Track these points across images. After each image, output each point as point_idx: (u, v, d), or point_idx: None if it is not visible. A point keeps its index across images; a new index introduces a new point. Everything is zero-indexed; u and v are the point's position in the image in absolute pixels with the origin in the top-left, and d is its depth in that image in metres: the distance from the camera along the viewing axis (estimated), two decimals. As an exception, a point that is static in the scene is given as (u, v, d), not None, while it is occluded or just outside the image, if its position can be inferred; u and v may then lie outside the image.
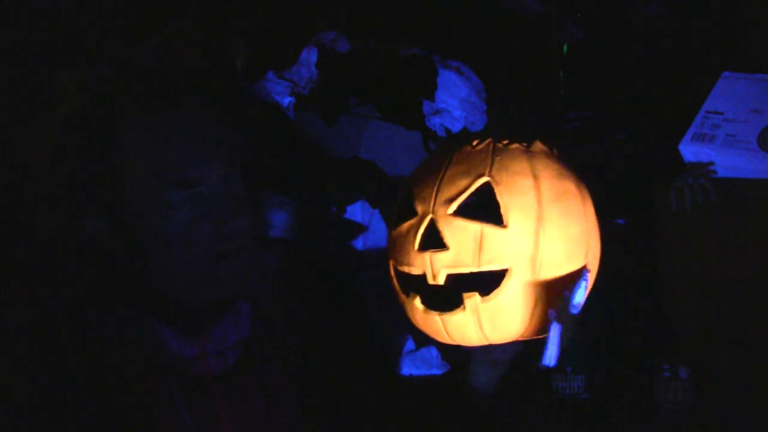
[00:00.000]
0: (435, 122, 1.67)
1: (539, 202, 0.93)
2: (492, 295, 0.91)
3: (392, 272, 0.96)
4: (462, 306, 0.91)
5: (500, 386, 1.02)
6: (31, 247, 1.22)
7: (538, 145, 0.99)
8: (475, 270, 0.90)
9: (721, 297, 1.41)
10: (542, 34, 1.89)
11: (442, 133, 1.68)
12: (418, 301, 0.93)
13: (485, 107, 1.74)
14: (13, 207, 1.42)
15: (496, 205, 0.91)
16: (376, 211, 1.72)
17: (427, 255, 0.90)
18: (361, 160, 1.67)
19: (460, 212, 0.91)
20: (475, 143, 0.96)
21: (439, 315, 0.92)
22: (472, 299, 0.91)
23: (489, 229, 0.90)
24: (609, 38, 1.84)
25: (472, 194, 0.92)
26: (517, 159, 0.95)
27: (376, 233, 1.75)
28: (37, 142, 1.35)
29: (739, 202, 1.40)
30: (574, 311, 0.94)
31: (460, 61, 1.74)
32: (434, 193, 0.91)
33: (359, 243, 1.76)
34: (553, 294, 0.94)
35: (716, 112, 1.51)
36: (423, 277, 0.92)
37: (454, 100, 1.68)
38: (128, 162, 0.91)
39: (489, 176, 0.92)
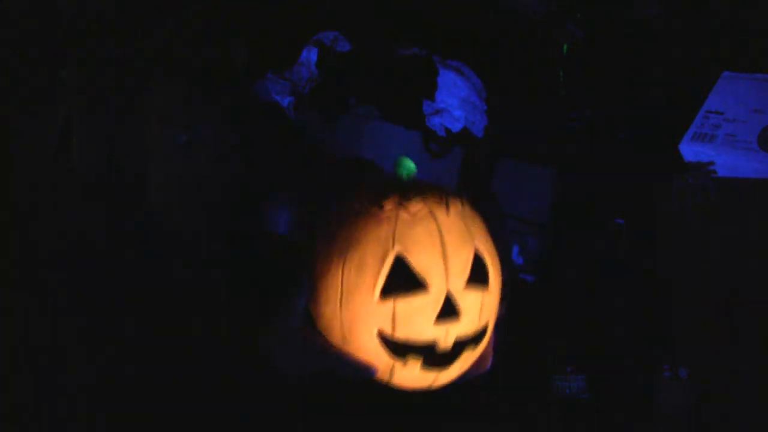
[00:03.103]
0: (435, 122, 1.67)
1: (497, 258, 1.02)
2: (480, 345, 1.00)
3: (376, 339, 0.96)
4: (459, 358, 0.98)
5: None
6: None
7: (465, 199, 1.05)
8: (475, 331, 0.98)
9: (720, 297, 1.41)
10: (542, 34, 1.89)
11: (442, 133, 1.68)
12: (419, 365, 0.97)
13: (485, 107, 1.74)
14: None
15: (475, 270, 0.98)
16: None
17: (444, 326, 0.95)
18: (361, 160, 1.67)
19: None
20: (418, 207, 0.98)
21: (438, 371, 0.98)
22: (469, 351, 0.99)
23: (485, 294, 0.98)
24: (609, 38, 1.84)
25: None
26: (475, 221, 1.02)
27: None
28: (38, 141, 1.36)
29: (739, 202, 1.40)
30: None
31: (460, 61, 1.74)
32: (444, 267, 0.95)
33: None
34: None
35: (716, 112, 1.51)
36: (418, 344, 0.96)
37: (454, 100, 1.68)
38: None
39: (476, 244, 0.98)
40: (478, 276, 0.98)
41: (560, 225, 1.79)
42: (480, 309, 0.97)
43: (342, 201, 1.02)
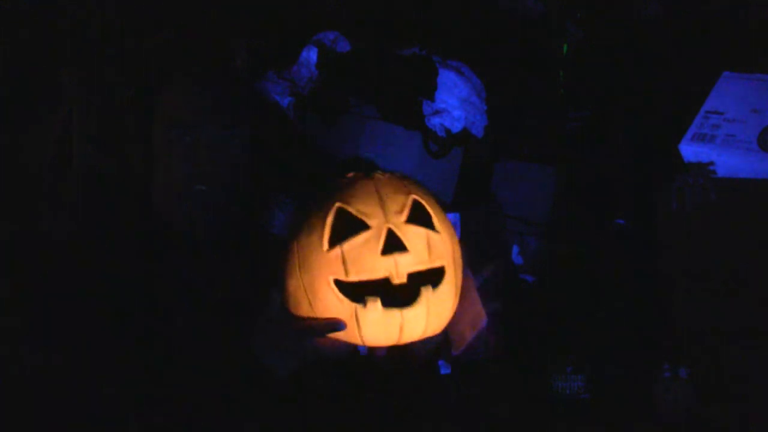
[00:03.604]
0: (435, 122, 1.67)
1: (443, 215, 1.12)
2: (440, 286, 1.06)
3: (333, 287, 1.04)
4: (420, 298, 1.04)
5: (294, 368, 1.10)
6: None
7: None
8: (429, 267, 1.06)
9: (721, 296, 1.41)
10: (542, 34, 1.89)
11: (442, 133, 1.68)
12: (378, 303, 1.03)
13: (485, 107, 1.74)
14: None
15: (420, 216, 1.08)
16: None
17: (392, 258, 1.03)
18: (361, 160, 1.67)
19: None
20: (353, 174, 1.13)
21: (401, 311, 1.03)
22: (427, 291, 1.05)
23: (431, 233, 1.07)
24: (609, 38, 1.84)
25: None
26: (416, 184, 1.14)
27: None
28: (38, 142, 1.36)
29: (739, 202, 1.40)
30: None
31: (460, 61, 1.74)
32: (382, 209, 1.05)
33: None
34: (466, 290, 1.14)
35: (716, 112, 1.51)
36: (375, 283, 1.04)
37: (454, 100, 1.68)
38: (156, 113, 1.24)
39: (415, 195, 1.09)
40: (421, 219, 1.07)
41: (560, 225, 1.79)
42: (427, 245, 1.05)
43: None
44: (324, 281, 1.04)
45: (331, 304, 1.04)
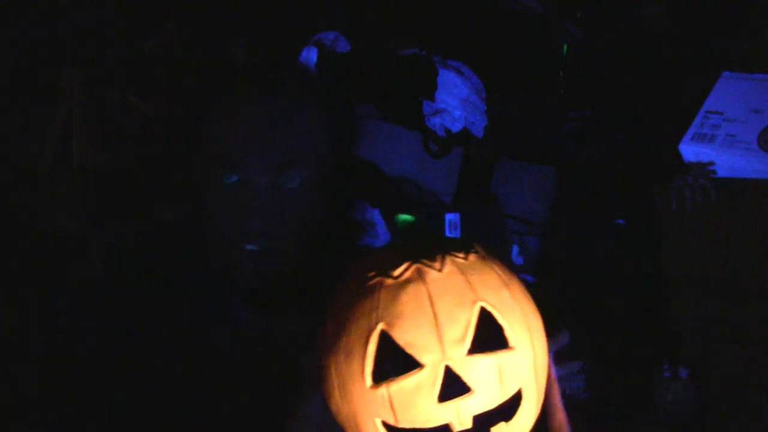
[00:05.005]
0: (435, 122, 1.67)
1: (521, 308, 0.88)
2: (515, 419, 0.86)
3: (380, 428, 0.84)
4: None
5: None
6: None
7: (478, 250, 0.92)
8: (501, 402, 0.84)
9: (721, 297, 1.41)
10: (542, 34, 1.89)
11: (442, 133, 1.68)
12: None
13: (485, 107, 1.74)
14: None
15: (487, 328, 0.84)
16: (376, 211, 1.73)
17: (452, 404, 0.81)
18: (361, 160, 1.67)
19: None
20: (402, 269, 0.85)
21: None
22: (499, 429, 0.85)
23: (503, 357, 0.84)
24: (609, 38, 1.84)
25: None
26: (483, 271, 0.88)
27: (376, 233, 1.75)
28: (38, 142, 1.35)
29: (739, 202, 1.40)
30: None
31: (460, 61, 1.74)
32: (437, 336, 0.81)
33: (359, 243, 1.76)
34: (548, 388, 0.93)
35: (716, 112, 1.51)
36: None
37: (454, 100, 1.68)
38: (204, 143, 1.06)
39: (481, 300, 0.84)
40: (489, 338, 0.84)
41: (560, 225, 1.79)
42: (499, 376, 0.83)
43: (342, 278, 0.90)
44: (369, 419, 0.84)
45: None
